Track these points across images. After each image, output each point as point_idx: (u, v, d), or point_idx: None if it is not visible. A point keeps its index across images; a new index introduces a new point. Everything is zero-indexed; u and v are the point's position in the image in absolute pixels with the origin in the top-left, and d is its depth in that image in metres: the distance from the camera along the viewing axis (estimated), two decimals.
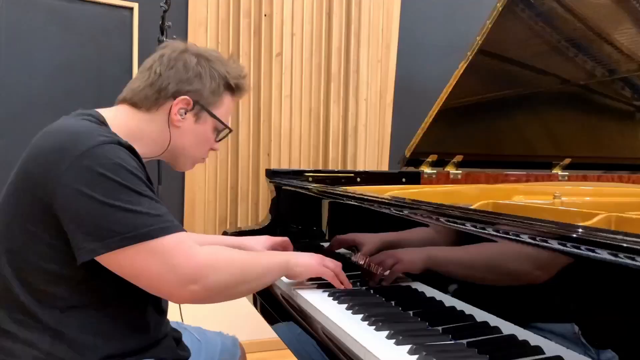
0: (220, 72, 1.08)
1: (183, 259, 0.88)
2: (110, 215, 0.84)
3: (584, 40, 1.78)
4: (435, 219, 0.95)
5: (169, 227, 0.87)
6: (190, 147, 1.09)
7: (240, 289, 0.97)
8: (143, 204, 0.86)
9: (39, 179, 0.87)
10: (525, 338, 0.76)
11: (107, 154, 0.86)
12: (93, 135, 0.88)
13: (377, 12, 2.81)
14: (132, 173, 0.88)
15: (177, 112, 1.04)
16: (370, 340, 0.82)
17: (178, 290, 0.88)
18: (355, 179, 1.83)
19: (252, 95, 2.57)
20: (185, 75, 1.04)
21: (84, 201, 0.84)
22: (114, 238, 0.84)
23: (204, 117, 1.07)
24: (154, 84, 1.03)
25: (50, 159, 0.87)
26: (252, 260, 1.02)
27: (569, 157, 2.10)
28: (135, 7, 2.31)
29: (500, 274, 0.83)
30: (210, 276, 0.90)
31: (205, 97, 1.06)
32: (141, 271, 0.87)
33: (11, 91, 2.16)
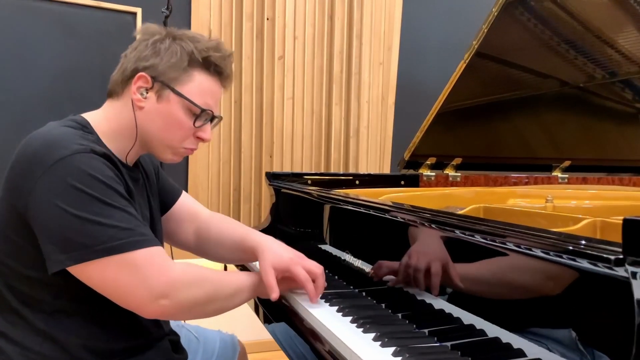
0: (184, 46, 0.98)
1: (154, 274, 0.86)
2: (79, 227, 0.82)
3: (583, 42, 1.78)
4: (427, 225, 0.96)
5: (139, 242, 0.85)
6: (160, 130, 0.99)
7: (211, 307, 0.94)
8: (114, 216, 0.84)
9: (15, 188, 0.87)
10: (509, 341, 0.78)
11: (80, 164, 0.85)
12: (66, 143, 0.86)
13: (378, 15, 2.83)
14: (104, 184, 0.86)
15: (137, 91, 0.97)
16: (357, 342, 0.84)
17: (148, 304, 0.86)
18: (354, 182, 1.84)
19: (254, 97, 2.60)
20: (144, 52, 0.98)
21: (54, 212, 0.83)
22: (81, 251, 0.83)
23: (167, 95, 0.98)
24: (121, 67, 1.00)
25: (25, 168, 0.87)
26: (224, 279, 0.98)
27: (568, 159, 2.10)
28: (138, 12, 2.34)
29: (488, 279, 0.85)
30: (181, 292, 0.88)
31: (163, 71, 0.97)
32: (110, 284, 0.85)
33: (15, 96, 2.19)
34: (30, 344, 0.89)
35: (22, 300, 0.90)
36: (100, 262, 0.83)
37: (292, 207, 1.67)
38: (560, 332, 0.70)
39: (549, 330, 0.72)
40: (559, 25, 1.71)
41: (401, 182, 1.89)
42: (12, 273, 0.90)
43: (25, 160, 0.88)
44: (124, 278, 0.85)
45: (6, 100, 2.18)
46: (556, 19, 1.70)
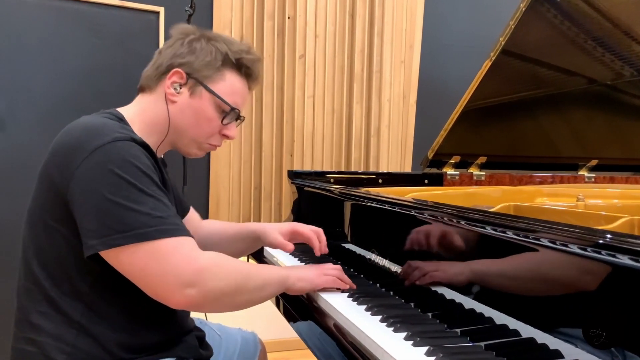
0: (218, 47, 1.04)
1: (182, 262, 0.86)
2: (113, 212, 0.84)
3: (611, 39, 1.75)
4: (455, 222, 0.95)
5: (169, 230, 0.86)
6: (190, 124, 1.04)
7: (238, 299, 0.95)
8: (147, 203, 0.86)
9: (56, 175, 0.89)
10: (545, 342, 0.76)
11: (119, 150, 0.87)
12: (108, 131, 0.89)
13: (400, 13, 2.81)
14: (141, 171, 0.87)
15: (171, 85, 1.02)
16: (388, 341, 0.82)
17: (175, 293, 0.87)
18: (377, 181, 1.83)
19: (275, 96, 2.60)
20: (180, 50, 1.03)
21: (91, 196, 0.85)
22: (113, 236, 0.84)
23: (199, 91, 1.03)
24: (155, 63, 1.05)
25: (66, 155, 0.88)
26: (252, 271, 0.99)
27: (595, 159, 2.06)
28: (161, 11, 2.36)
29: (522, 278, 0.83)
30: (209, 281, 0.88)
31: (197, 69, 1.03)
32: (139, 271, 0.86)
33: (41, 94, 2.22)
34: (64, 336, 0.90)
35: (61, 289, 0.91)
36: (131, 248, 0.84)
37: (314, 206, 1.66)
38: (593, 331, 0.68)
39: (579, 330, 0.70)
40: (587, 21, 1.68)
41: (425, 180, 1.87)
42: (52, 261, 0.91)
43: (67, 146, 0.90)
44: (152, 265, 0.85)
45: (32, 99, 2.21)
46: (584, 15, 1.67)
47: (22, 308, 0.95)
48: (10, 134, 2.19)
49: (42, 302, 0.92)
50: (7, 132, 2.18)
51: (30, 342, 0.91)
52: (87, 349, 0.90)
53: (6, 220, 2.13)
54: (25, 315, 0.93)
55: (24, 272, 0.95)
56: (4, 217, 2.14)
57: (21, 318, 0.95)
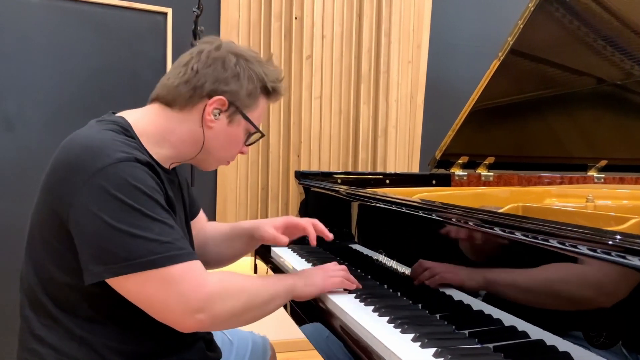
0: (258, 75, 1.03)
1: (191, 289, 0.85)
2: (117, 239, 0.81)
3: (621, 38, 1.73)
4: (463, 222, 0.94)
5: (177, 256, 0.84)
6: (221, 149, 1.04)
7: (247, 317, 0.94)
8: (153, 229, 0.83)
9: (56, 193, 0.87)
10: (554, 344, 0.75)
11: (122, 173, 0.83)
12: (109, 151, 0.85)
13: (407, 13, 2.80)
14: (146, 195, 0.84)
15: (211, 112, 0.99)
16: (396, 342, 0.82)
17: (184, 319, 0.86)
18: (384, 181, 1.83)
19: (282, 96, 2.59)
20: (223, 74, 0.99)
21: (94, 221, 0.82)
22: (119, 264, 0.82)
23: (238, 120, 1.02)
24: (190, 82, 0.98)
25: (67, 174, 0.85)
26: (259, 286, 0.97)
27: (605, 159, 2.05)
28: (169, 12, 2.36)
29: (531, 279, 0.82)
30: (217, 306, 0.87)
31: (241, 99, 1.01)
32: (147, 298, 0.85)
33: (48, 95, 2.23)
34: (66, 349, 0.89)
35: (58, 305, 0.90)
36: (138, 276, 0.82)
37: (322, 206, 1.66)
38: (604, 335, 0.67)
39: (589, 332, 0.70)
40: (596, 21, 1.67)
41: (432, 181, 1.86)
42: (50, 278, 0.90)
43: (67, 165, 0.87)
44: (160, 293, 0.84)
45: (40, 100, 2.22)
46: (593, 14, 1.65)
47: (25, 318, 0.94)
48: (18, 135, 2.20)
49: (44, 315, 0.91)
50: (15, 133, 2.20)
51: (34, 353, 0.91)
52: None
53: (14, 222, 2.14)
54: (28, 325, 0.93)
55: (25, 284, 0.95)
56: (13, 219, 2.16)
57: (25, 328, 0.94)
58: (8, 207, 2.18)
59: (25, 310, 0.94)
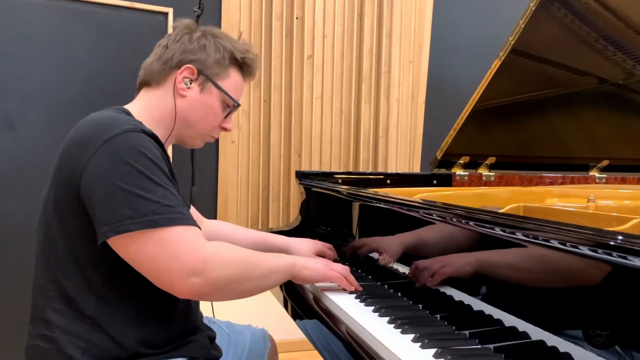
0: (225, 46, 1.09)
1: (187, 251, 0.87)
2: (124, 199, 0.86)
3: (623, 38, 1.73)
4: (464, 223, 0.94)
5: (177, 219, 0.88)
6: (198, 118, 1.09)
7: (244, 287, 0.96)
8: (156, 192, 0.88)
9: (69, 169, 0.91)
10: (555, 344, 0.75)
11: (130, 141, 0.89)
12: (118, 123, 0.91)
13: (409, 12, 2.80)
14: (152, 161, 0.89)
15: (182, 80, 1.05)
16: (396, 343, 0.82)
17: (180, 281, 0.88)
18: (385, 181, 1.82)
19: (283, 96, 2.60)
20: (189, 46, 1.06)
21: (103, 185, 0.86)
22: (123, 222, 0.85)
23: (209, 88, 1.08)
24: (161, 57, 1.06)
25: (78, 150, 0.90)
26: (257, 259, 1.00)
27: (606, 159, 2.04)
28: (170, 12, 2.36)
29: (531, 280, 0.82)
30: (214, 270, 0.89)
31: (209, 66, 1.07)
32: (146, 258, 0.87)
33: (50, 95, 2.24)
34: (78, 331, 0.91)
35: (74, 284, 0.92)
36: (139, 235, 0.86)
37: (322, 206, 1.66)
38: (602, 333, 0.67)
39: (589, 333, 0.69)
40: (598, 20, 1.67)
41: (433, 181, 1.86)
42: (66, 255, 0.92)
43: (78, 141, 0.91)
44: (159, 254, 0.86)
45: (41, 99, 2.23)
46: (594, 14, 1.65)
47: (37, 306, 0.95)
48: (20, 135, 2.20)
49: (56, 299, 0.93)
50: (17, 133, 2.20)
51: (44, 338, 0.92)
52: (101, 344, 0.91)
53: (16, 221, 2.15)
54: (39, 312, 0.94)
55: (39, 270, 0.96)
56: (14, 218, 2.16)
57: (35, 316, 0.95)
58: (10, 206, 2.18)
59: (37, 298, 0.96)
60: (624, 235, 0.65)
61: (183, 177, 1.22)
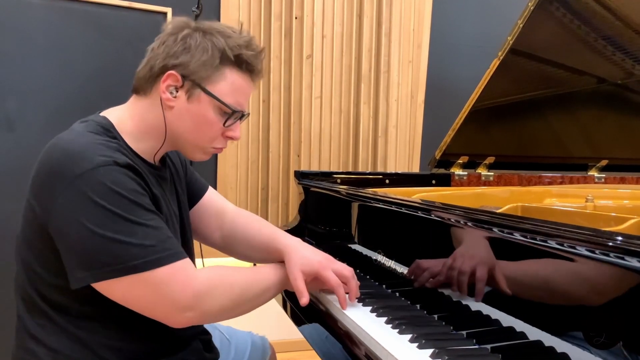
0: (215, 43, 0.93)
1: (177, 290, 0.84)
2: (101, 246, 0.80)
3: (622, 38, 1.73)
4: (462, 223, 0.94)
5: (162, 258, 0.83)
6: (190, 131, 0.95)
7: (239, 310, 0.94)
8: (137, 233, 0.82)
9: (38, 197, 0.86)
10: (552, 345, 0.75)
11: (102, 178, 0.81)
12: (90, 155, 0.83)
13: (408, 12, 2.80)
14: (127, 199, 0.83)
15: (167, 89, 0.92)
16: (393, 343, 0.82)
17: (173, 317, 0.86)
18: (384, 181, 1.82)
19: (282, 96, 2.60)
20: (172, 48, 0.92)
21: (75, 228, 0.81)
22: (103, 269, 0.81)
23: (198, 95, 0.93)
24: (148, 63, 0.94)
25: (48, 179, 0.85)
26: (250, 280, 0.96)
27: (605, 159, 2.04)
28: (168, 12, 2.36)
29: (529, 280, 0.82)
30: (207, 303, 0.87)
31: (193, 70, 0.92)
32: (134, 300, 0.85)
33: (49, 95, 2.23)
34: (60, 348, 0.88)
35: (51, 305, 0.89)
36: (123, 280, 0.82)
37: (321, 206, 1.66)
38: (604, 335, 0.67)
39: (587, 333, 0.69)
40: (597, 20, 1.67)
41: (432, 181, 1.86)
42: (39, 279, 0.90)
43: (48, 169, 0.85)
44: (148, 295, 0.84)
45: (41, 100, 2.23)
46: (593, 14, 1.65)
47: (21, 317, 0.93)
48: (19, 135, 2.20)
49: (38, 314, 0.90)
50: (16, 133, 2.20)
51: (29, 352, 0.90)
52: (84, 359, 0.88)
53: (15, 222, 2.14)
54: (23, 324, 0.92)
55: (18, 285, 0.94)
56: (13, 219, 2.15)
57: (20, 327, 0.93)
58: (8, 207, 2.18)
59: (20, 309, 0.93)
60: (620, 236, 0.65)
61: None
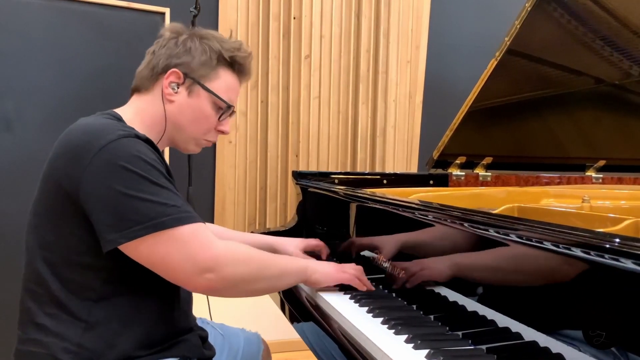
0: (212, 46, 1.08)
1: (199, 248, 0.90)
2: (129, 205, 0.86)
3: (619, 38, 1.73)
4: (458, 224, 0.94)
5: (186, 217, 0.89)
6: (188, 123, 1.08)
7: (257, 286, 0.98)
8: (161, 194, 0.89)
9: (64, 175, 0.90)
10: (547, 345, 0.75)
11: (126, 147, 0.89)
12: (112, 130, 0.91)
13: (406, 13, 2.80)
14: (150, 165, 0.90)
15: (169, 85, 1.05)
16: (389, 343, 0.82)
17: (194, 277, 0.90)
18: (382, 181, 1.82)
19: (281, 96, 2.60)
20: (175, 50, 1.06)
21: (105, 192, 0.87)
22: (133, 228, 0.86)
23: (197, 91, 1.07)
24: (149, 64, 1.07)
25: (73, 155, 0.90)
26: (270, 259, 1.02)
27: (603, 159, 2.04)
28: (166, 12, 2.37)
29: (524, 281, 0.82)
30: (228, 267, 0.92)
31: (195, 69, 1.06)
32: (159, 259, 0.89)
33: (47, 95, 2.24)
34: (70, 335, 0.90)
35: (67, 288, 0.92)
36: (150, 238, 0.87)
37: (319, 206, 1.66)
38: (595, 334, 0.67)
39: (581, 333, 0.70)
40: (594, 20, 1.67)
41: (430, 181, 1.86)
42: (60, 260, 0.92)
43: (71, 148, 0.91)
44: (172, 253, 0.88)
45: (38, 100, 2.23)
46: (591, 14, 1.65)
47: (27, 310, 0.95)
48: (17, 135, 2.20)
49: (48, 303, 0.92)
50: (14, 133, 2.20)
51: (36, 343, 0.92)
52: (92, 347, 0.90)
53: (14, 221, 2.15)
54: (30, 316, 0.94)
55: (29, 274, 0.96)
56: (12, 218, 2.16)
57: (26, 320, 0.95)
58: (7, 207, 2.18)
59: (27, 303, 0.95)
60: (616, 237, 0.65)
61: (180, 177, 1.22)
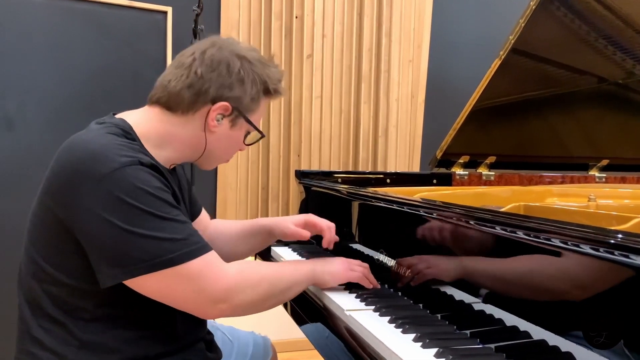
0: (261, 77, 1.02)
1: (211, 282, 0.87)
2: (132, 242, 0.82)
3: (622, 37, 1.73)
4: (464, 222, 0.94)
5: (193, 251, 0.86)
6: (222, 151, 1.06)
7: (268, 304, 0.97)
8: (166, 229, 0.84)
9: (59, 198, 0.86)
10: (556, 344, 0.75)
11: (128, 177, 0.83)
12: (113, 155, 0.85)
13: (408, 12, 2.79)
14: (154, 196, 0.85)
15: (215, 117, 0.99)
16: (397, 342, 0.81)
17: (206, 309, 0.89)
18: (385, 181, 1.82)
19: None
20: (227, 80, 0.98)
21: (105, 227, 0.82)
22: (137, 265, 0.82)
23: (240, 123, 1.02)
24: (193, 86, 0.97)
25: (71, 179, 0.85)
26: (278, 273, 1.00)
27: (606, 158, 2.04)
28: (169, 11, 2.36)
29: (533, 281, 0.82)
30: (239, 294, 0.90)
31: (245, 104, 1.01)
32: (168, 294, 0.87)
33: (49, 94, 2.23)
34: (65, 352, 0.88)
35: (60, 307, 0.89)
36: (156, 275, 0.83)
37: (322, 206, 1.65)
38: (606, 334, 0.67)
39: (591, 332, 0.69)
40: (597, 20, 1.67)
41: (433, 180, 1.85)
42: (52, 280, 0.89)
43: (71, 170, 0.86)
44: (181, 288, 0.86)
45: (40, 99, 2.22)
46: (594, 13, 1.65)
47: (24, 320, 0.93)
48: (19, 134, 2.20)
49: (43, 317, 0.90)
50: (16, 132, 2.20)
51: (31, 356, 0.90)
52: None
53: (15, 221, 2.14)
54: (27, 327, 0.92)
55: (24, 288, 0.94)
56: (13, 218, 2.15)
57: (23, 330, 0.93)
58: (8, 207, 2.18)
59: (24, 312, 0.93)
60: (625, 234, 0.64)
61: None
